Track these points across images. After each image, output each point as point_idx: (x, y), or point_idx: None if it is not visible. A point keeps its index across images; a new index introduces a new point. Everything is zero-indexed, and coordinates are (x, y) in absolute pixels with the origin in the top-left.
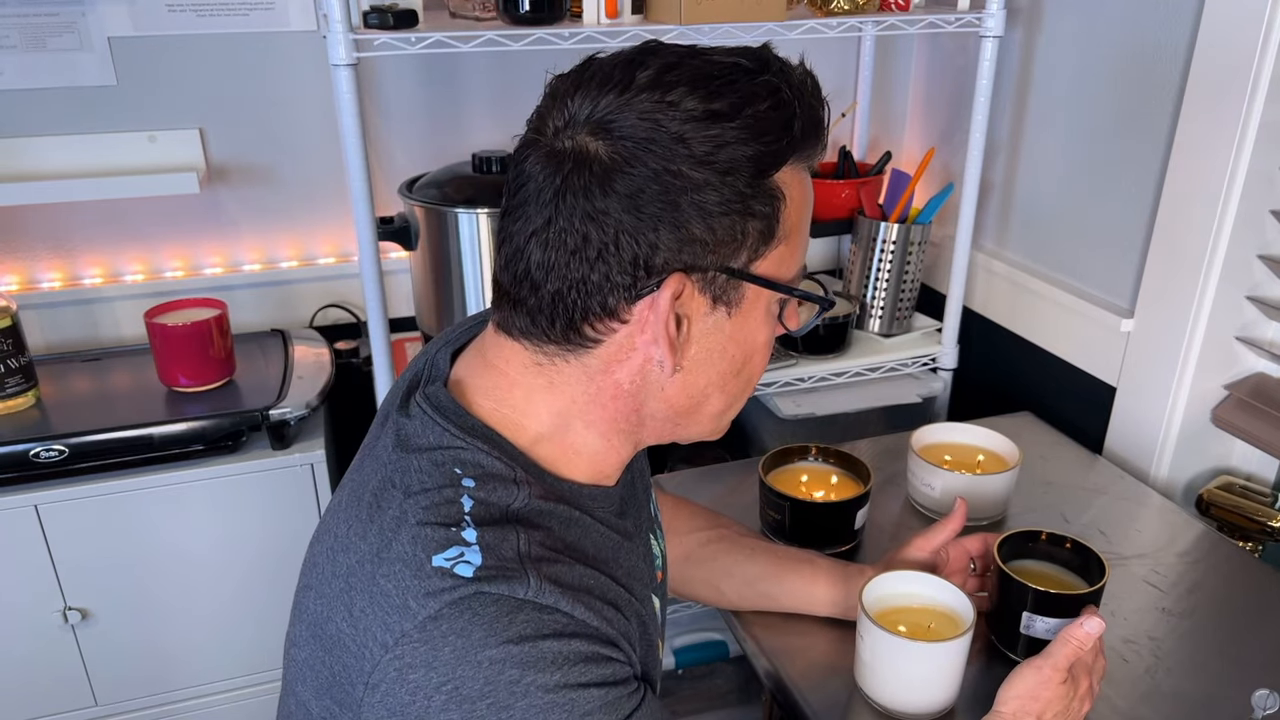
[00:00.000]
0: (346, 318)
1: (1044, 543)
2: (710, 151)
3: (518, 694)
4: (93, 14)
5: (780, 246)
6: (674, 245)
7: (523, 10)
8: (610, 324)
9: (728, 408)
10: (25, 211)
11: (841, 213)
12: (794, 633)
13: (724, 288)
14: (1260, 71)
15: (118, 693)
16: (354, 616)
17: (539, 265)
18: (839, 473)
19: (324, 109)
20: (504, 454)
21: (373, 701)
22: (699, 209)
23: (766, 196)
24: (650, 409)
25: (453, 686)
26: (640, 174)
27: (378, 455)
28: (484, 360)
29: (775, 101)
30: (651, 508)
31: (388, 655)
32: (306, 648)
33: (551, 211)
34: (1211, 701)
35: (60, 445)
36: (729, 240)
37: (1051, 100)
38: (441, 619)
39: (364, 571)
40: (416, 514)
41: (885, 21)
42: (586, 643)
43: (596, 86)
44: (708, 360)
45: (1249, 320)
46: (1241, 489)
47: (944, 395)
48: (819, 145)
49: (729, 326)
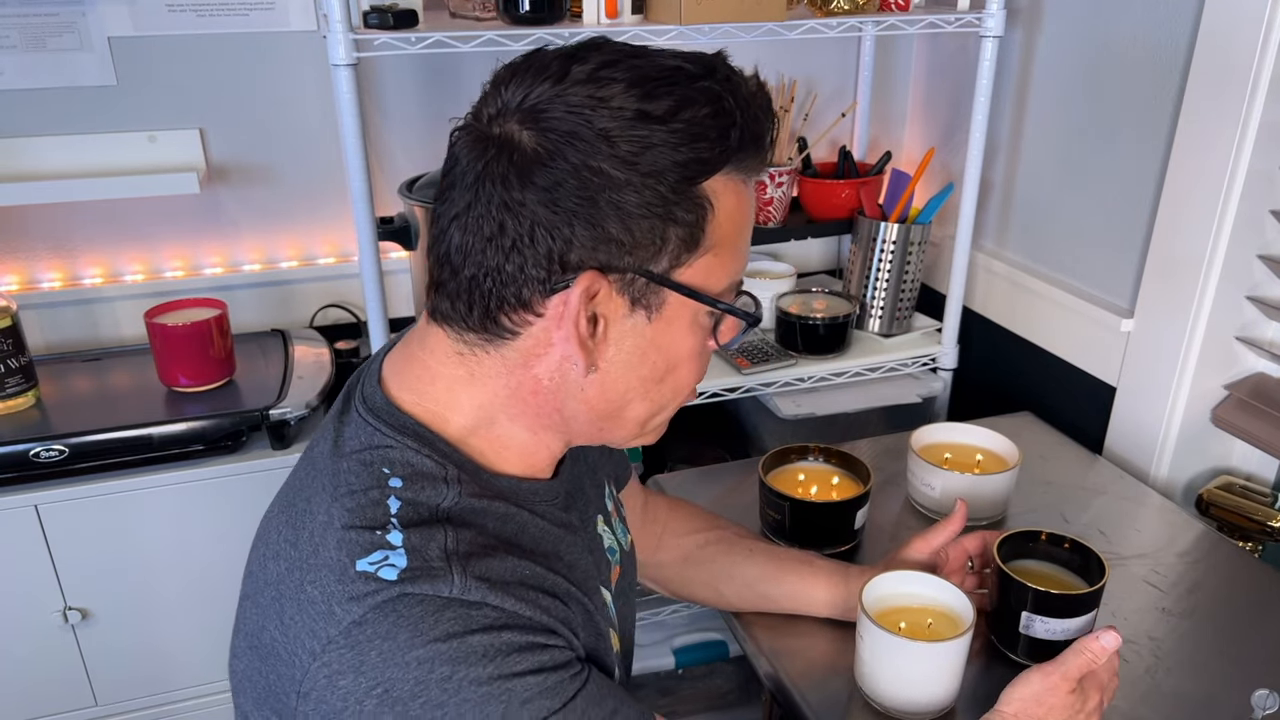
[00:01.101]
0: (346, 318)
1: (1044, 543)
2: (635, 152)
3: (450, 690)
4: (93, 14)
5: (707, 256)
6: (589, 243)
7: (523, 10)
8: (525, 316)
9: (652, 415)
10: (25, 211)
11: (841, 213)
12: (794, 633)
13: (643, 291)
14: (1260, 71)
15: (118, 693)
16: (285, 624)
17: (457, 249)
18: (839, 473)
19: (324, 109)
20: (435, 451)
21: (306, 710)
22: (617, 209)
23: (692, 204)
24: (571, 409)
25: (383, 690)
26: (560, 168)
27: (314, 460)
28: (408, 352)
29: (715, 110)
30: (607, 501)
31: (316, 663)
32: (244, 658)
33: (471, 196)
34: (1211, 701)
35: (60, 445)
36: (648, 244)
37: (1051, 100)
38: (366, 623)
39: (293, 579)
40: (342, 518)
41: (885, 21)
42: (518, 633)
43: (533, 75)
44: (626, 364)
45: (1249, 320)
46: (1241, 489)
47: (944, 395)
48: (760, 158)
49: (649, 331)
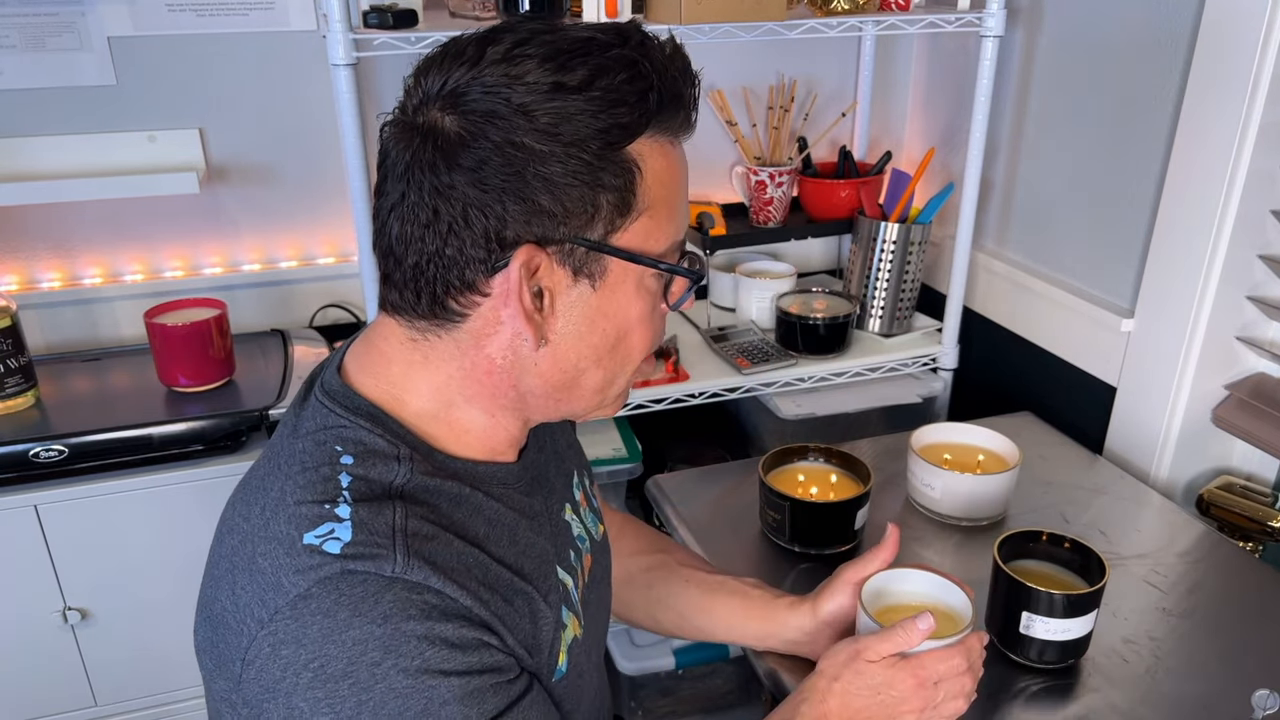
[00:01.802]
0: (346, 318)
1: (1044, 543)
2: (554, 123)
3: (378, 676)
4: (92, 14)
5: (642, 219)
6: (522, 217)
7: (523, 10)
8: (472, 298)
9: (609, 383)
10: (25, 211)
11: (842, 213)
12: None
13: (584, 260)
14: (1260, 71)
15: (118, 693)
16: (235, 595)
17: (398, 239)
18: (839, 473)
19: (324, 109)
20: (387, 431)
21: (249, 677)
22: (544, 181)
23: (619, 169)
24: (527, 384)
25: (319, 664)
26: (484, 147)
27: (272, 444)
28: (367, 341)
29: (631, 75)
30: (575, 491)
31: (263, 631)
32: (201, 631)
33: (404, 186)
34: (1211, 701)
35: (60, 445)
36: (580, 212)
37: (1051, 100)
38: (311, 597)
39: (245, 551)
40: (294, 493)
41: (885, 21)
42: (455, 626)
43: (450, 61)
44: (576, 334)
45: (1249, 320)
46: (1241, 489)
47: (944, 395)
48: (682, 119)
49: (595, 300)
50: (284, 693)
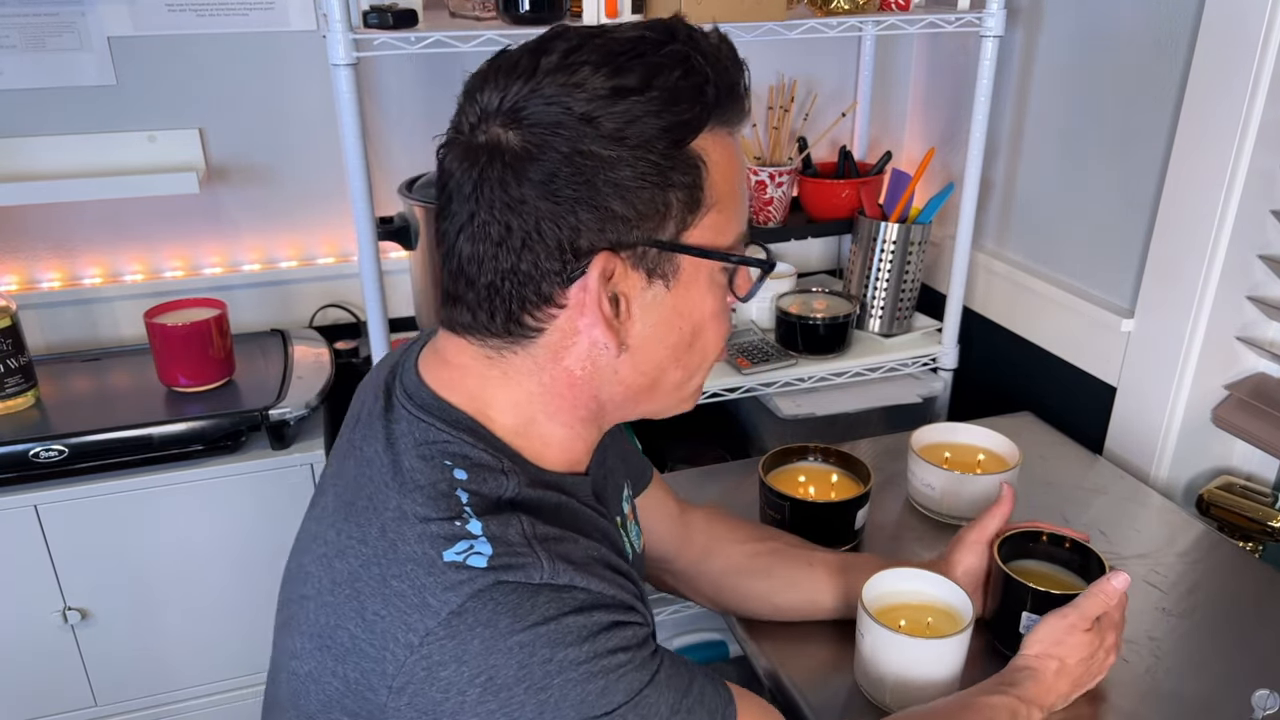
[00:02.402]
0: (346, 318)
1: (1044, 543)
2: (620, 128)
3: (552, 672)
4: (92, 14)
5: (710, 214)
6: (595, 225)
7: (523, 10)
8: (549, 310)
9: (688, 379)
10: (25, 211)
11: (841, 213)
12: (794, 633)
13: (656, 261)
14: (1260, 71)
15: (117, 693)
16: (367, 621)
17: (470, 259)
18: (839, 473)
19: (324, 109)
20: (489, 445)
21: (399, 705)
22: (615, 186)
23: (686, 166)
24: (608, 394)
25: (486, 677)
26: (552, 159)
27: (366, 459)
28: (441, 359)
29: (685, 70)
30: (625, 505)
31: (414, 656)
32: (311, 660)
33: (473, 206)
34: (1211, 701)
35: (60, 445)
36: (652, 214)
37: (1052, 100)
38: (465, 612)
39: (371, 575)
40: (416, 511)
41: (885, 21)
42: (607, 612)
43: (504, 77)
44: (655, 336)
45: (1249, 320)
46: (1241, 489)
47: (944, 395)
48: (739, 108)
49: (670, 299)
50: (448, 713)
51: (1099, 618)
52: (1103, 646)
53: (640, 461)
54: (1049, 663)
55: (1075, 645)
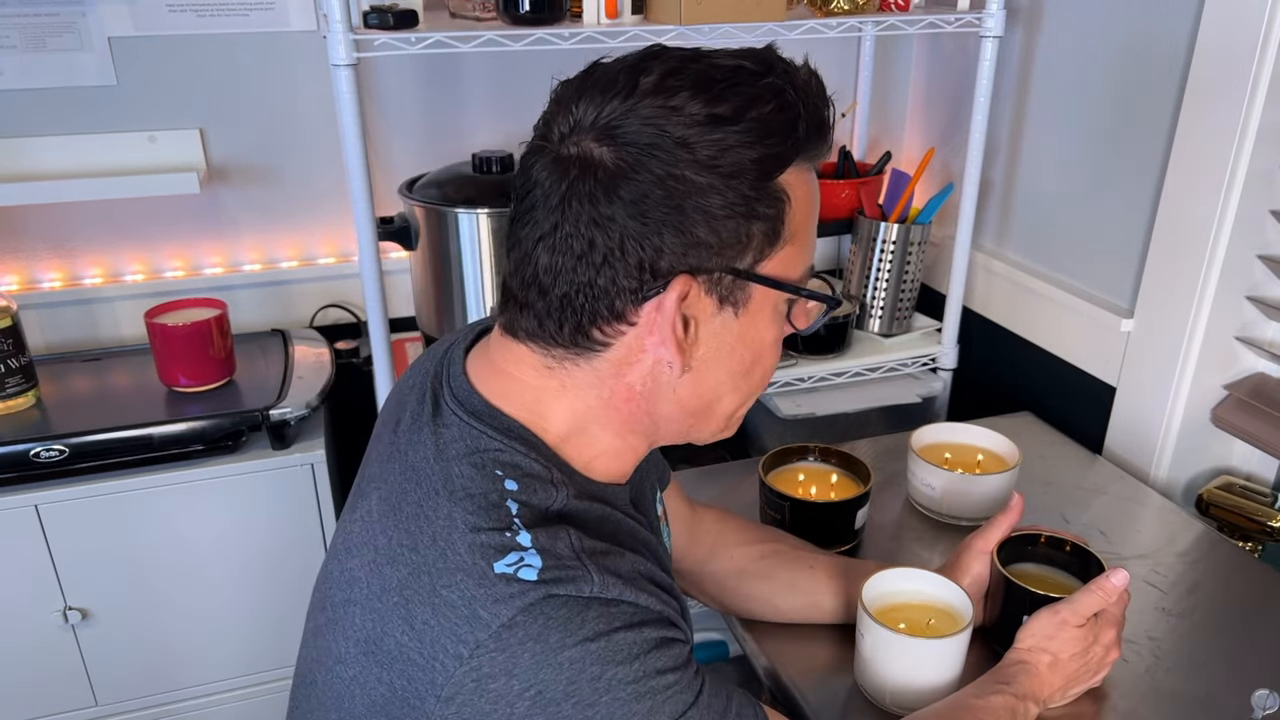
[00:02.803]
0: (346, 318)
1: (1043, 546)
2: (714, 155)
3: (601, 689)
4: (93, 14)
5: (787, 247)
6: (679, 249)
7: (523, 10)
8: (618, 327)
9: (740, 406)
10: (25, 211)
11: (841, 213)
12: (794, 633)
13: (730, 288)
14: (1260, 71)
15: (118, 693)
16: (416, 629)
17: (546, 269)
18: (839, 473)
19: (324, 109)
20: (540, 455)
21: (446, 714)
22: (704, 213)
23: (771, 199)
24: (663, 411)
25: (536, 691)
26: (645, 179)
27: (413, 464)
28: (493, 366)
29: (780, 104)
30: (657, 506)
31: (463, 667)
32: (356, 664)
33: (558, 217)
34: (1211, 701)
35: (60, 445)
36: (734, 243)
37: (1051, 100)
38: (516, 626)
39: (421, 583)
40: (466, 520)
41: (885, 21)
42: (655, 629)
43: (600, 92)
44: (716, 360)
45: (1249, 320)
46: (1241, 489)
47: (944, 395)
48: (824, 145)
49: (737, 327)
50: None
51: (1096, 615)
52: (1099, 643)
53: (661, 462)
54: (1041, 656)
55: (1068, 640)
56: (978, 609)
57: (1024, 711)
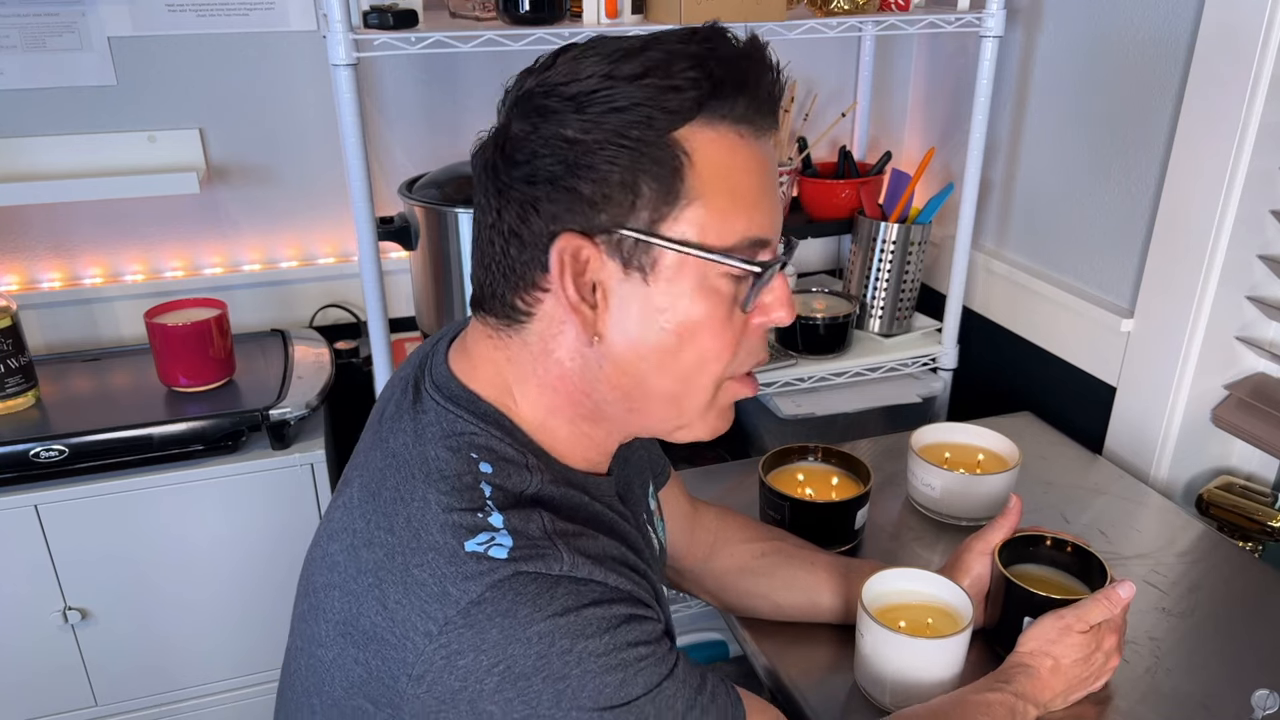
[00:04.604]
0: (346, 318)
1: (1045, 547)
2: (602, 113)
3: (571, 662)
4: (93, 14)
5: (693, 208)
6: (566, 206)
7: (523, 10)
8: (535, 294)
9: (681, 395)
10: (25, 211)
11: (841, 213)
12: (794, 633)
13: (633, 251)
14: (1260, 71)
15: (118, 692)
16: (389, 609)
17: (475, 243)
18: (839, 473)
19: (324, 109)
20: (514, 440)
21: (418, 693)
22: (588, 169)
23: (662, 155)
24: (601, 394)
25: (504, 666)
26: (535, 142)
27: (393, 450)
28: (464, 346)
29: (689, 65)
30: (650, 502)
31: (433, 644)
32: (335, 647)
33: (481, 193)
34: (1211, 701)
35: (60, 445)
36: (622, 200)
37: (1051, 100)
38: (485, 602)
39: (394, 564)
40: (440, 501)
41: (885, 21)
42: (625, 606)
43: (528, 72)
44: (634, 333)
45: (1249, 320)
46: (1241, 489)
47: (944, 395)
48: (744, 105)
49: (647, 294)
50: (466, 701)
51: (1101, 623)
52: (1100, 650)
53: (660, 459)
54: (1043, 660)
55: (1070, 645)
56: (978, 609)
57: (1022, 711)
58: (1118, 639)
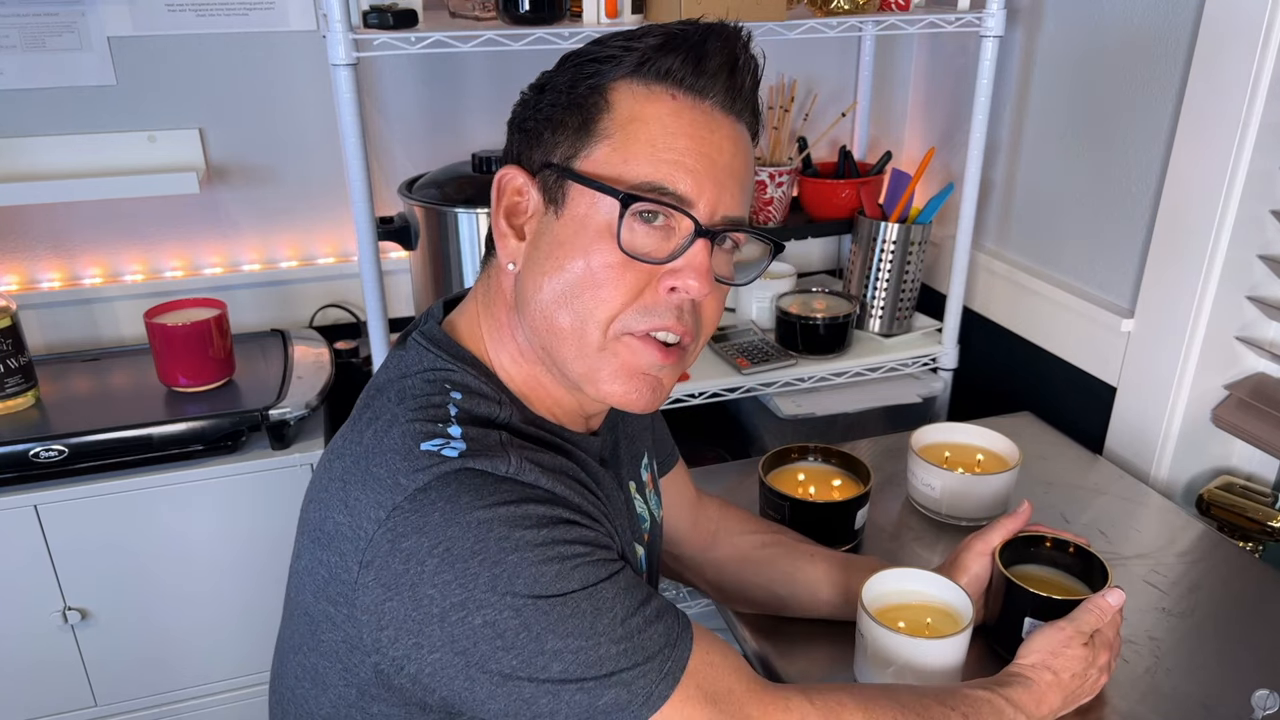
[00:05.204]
0: (346, 318)
1: (1046, 548)
2: (559, 71)
3: (508, 548)
4: (92, 14)
5: (602, 146)
6: (517, 143)
7: (522, 10)
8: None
9: (580, 330)
10: (25, 211)
11: (842, 213)
12: (794, 632)
13: (552, 185)
14: (1260, 71)
15: (118, 693)
16: (350, 506)
17: None
18: (839, 473)
19: (324, 109)
20: (490, 381)
21: (367, 580)
22: (537, 111)
23: (589, 101)
24: (529, 322)
25: (445, 548)
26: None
27: (377, 385)
28: (459, 306)
29: (658, 35)
30: (643, 472)
31: (380, 529)
32: (306, 555)
33: None
34: (1211, 701)
35: (60, 445)
36: (550, 137)
37: (1052, 100)
38: (430, 489)
39: (358, 467)
40: (406, 415)
41: (885, 21)
42: (568, 510)
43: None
44: (544, 262)
45: (1249, 320)
46: (1241, 489)
47: (944, 395)
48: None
49: (557, 227)
50: (408, 585)
51: (1094, 635)
52: (1095, 665)
53: (669, 443)
54: (1043, 674)
55: (1071, 659)
56: (977, 609)
57: (1011, 716)
58: (1109, 657)
